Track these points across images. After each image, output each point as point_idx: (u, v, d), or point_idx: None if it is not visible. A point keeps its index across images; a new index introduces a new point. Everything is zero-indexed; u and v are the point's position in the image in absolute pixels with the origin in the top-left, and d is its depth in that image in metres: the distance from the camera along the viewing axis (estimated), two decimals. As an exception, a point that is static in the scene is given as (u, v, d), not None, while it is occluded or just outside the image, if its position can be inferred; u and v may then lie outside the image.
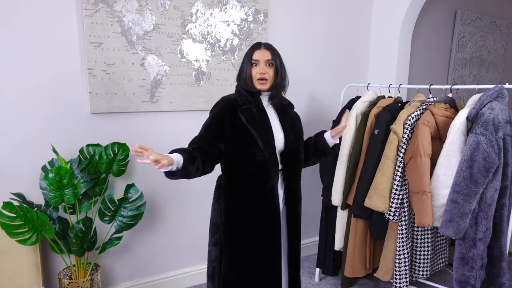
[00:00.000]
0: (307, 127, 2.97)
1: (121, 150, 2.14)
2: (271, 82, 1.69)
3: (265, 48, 1.69)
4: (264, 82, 1.67)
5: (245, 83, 1.68)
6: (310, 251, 3.17)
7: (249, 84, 1.68)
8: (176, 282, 2.59)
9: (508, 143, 1.94)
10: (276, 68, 1.68)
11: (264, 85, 1.67)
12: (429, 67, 3.68)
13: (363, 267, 2.43)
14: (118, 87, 2.20)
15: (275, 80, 1.69)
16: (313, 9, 2.87)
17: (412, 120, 2.17)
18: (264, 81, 1.66)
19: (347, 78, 3.11)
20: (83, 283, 2.04)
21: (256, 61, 1.67)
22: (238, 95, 1.72)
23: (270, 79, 1.68)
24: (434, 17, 3.57)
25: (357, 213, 2.33)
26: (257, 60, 1.67)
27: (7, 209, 1.80)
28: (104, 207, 2.11)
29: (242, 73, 1.71)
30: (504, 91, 2.01)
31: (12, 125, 1.99)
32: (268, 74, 1.67)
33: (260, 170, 1.65)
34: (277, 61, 1.68)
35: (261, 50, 1.68)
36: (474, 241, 1.96)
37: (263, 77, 1.65)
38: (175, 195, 2.51)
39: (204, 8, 2.40)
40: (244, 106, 1.67)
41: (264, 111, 1.70)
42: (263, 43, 1.71)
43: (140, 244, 2.45)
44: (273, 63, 1.68)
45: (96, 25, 2.09)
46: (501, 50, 4.39)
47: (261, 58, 1.66)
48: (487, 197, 1.93)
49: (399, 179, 2.16)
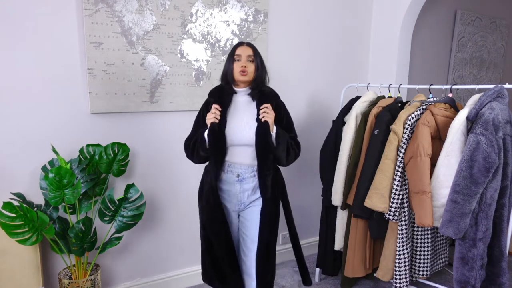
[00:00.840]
0: (307, 127, 2.98)
1: (121, 150, 2.14)
2: (252, 76, 1.82)
3: (247, 46, 1.84)
4: (245, 74, 1.80)
5: (226, 77, 1.84)
6: (310, 251, 3.17)
7: (230, 78, 1.83)
8: (176, 282, 2.59)
9: (508, 143, 1.94)
10: (257, 65, 1.83)
11: (244, 77, 1.80)
12: (429, 67, 3.68)
13: (363, 267, 2.43)
14: (118, 87, 2.20)
15: (256, 74, 1.83)
16: (313, 9, 2.87)
17: (412, 120, 2.17)
18: (245, 73, 1.80)
19: (347, 78, 3.11)
20: (83, 283, 2.04)
21: (238, 56, 1.81)
22: (210, 95, 1.90)
23: (251, 73, 1.81)
24: (434, 17, 3.57)
25: (357, 213, 2.33)
26: (239, 55, 1.81)
27: (7, 209, 1.80)
28: (104, 207, 2.11)
29: (224, 69, 1.86)
30: (504, 91, 2.01)
31: (12, 125, 1.99)
32: (249, 68, 1.81)
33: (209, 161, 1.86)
34: (257, 58, 1.83)
35: (243, 47, 1.83)
36: (474, 241, 1.96)
37: (244, 70, 1.79)
38: (175, 195, 2.51)
39: (204, 8, 2.40)
40: (209, 102, 1.86)
41: (225, 106, 1.82)
42: (246, 42, 1.87)
43: (140, 244, 2.45)
44: (254, 59, 1.82)
45: (96, 25, 2.09)
46: (501, 50, 4.39)
47: (243, 53, 1.81)
48: (487, 197, 1.93)
49: (399, 179, 2.16)
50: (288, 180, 2.99)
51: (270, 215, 1.88)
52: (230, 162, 1.85)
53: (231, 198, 1.89)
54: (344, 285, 2.57)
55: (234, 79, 1.82)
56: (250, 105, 1.86)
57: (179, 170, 2.48)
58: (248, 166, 1.84)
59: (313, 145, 2.95)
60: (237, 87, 1.86)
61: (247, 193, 1.87)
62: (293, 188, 3.04)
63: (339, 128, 2.51)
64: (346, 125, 2.45)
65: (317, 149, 2.72)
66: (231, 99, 1.86)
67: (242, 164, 1.84)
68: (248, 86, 1.86)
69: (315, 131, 2.98)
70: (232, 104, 1.86)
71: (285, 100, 1.93)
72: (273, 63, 2.73)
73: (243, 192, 1.87)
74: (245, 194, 1.88)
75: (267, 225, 1.87)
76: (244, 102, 1.87)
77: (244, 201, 1.89)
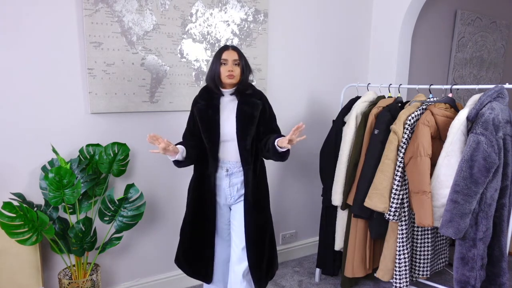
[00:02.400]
0: (307, 127, 2.98)
1: (121, 150, 2.14)
2: (238, 78, 1.94)
3: (233, 50, 1.94)
4: (232, 77, 1.91)
5: (213, 79, 1.93)
6: (310, 251, 3.17)
7: (217, 80, 1.93)
8: (176, 282, 2.59)
9: (508, 143, 1.94)
10: (242, 68, 1.94)
11: (231, 80, 1.91)
12: (429, 67, 3.68)
13: (363, 267, 2.43)
14: (118, 87, 2.20)
15: (242, 77, 1.95)
16: (313, 9, 2.87)
17: (412, 120, 2.17)
18: (232, 76, 1.91)
19: (347, 78, 3.11)
20: (83, 283, 2.04)
21: (224, 61, 1.91)
22: (199, 95, 2.01)
23: (237, 75, 1.93)
24: (434, 17, 3.57)
25: (357, 213, 2.33)
26: (226, 59, 1.91)
27: (7, 209, 1.80)
28: (104, 207, 2.11)
29: (210, 71, 1.95)
30: (504, 91, 2.01)
31: (12, 125, 1.99)
32: (235, 71, 1.91)
33: (203, 158, 1.98)
34: (242, 61, 1.94)
35: (229, 51, 1.92)
36: (474, 241, 1.96)
37: (231, 74, 1.90)
38: (175, 195, 2.51)
39: (204, 8, 2.40)
40: (198, 104, 1.98)
41: (214, 107, 1.95)
42: (231, 45, 1.97)
43: (140, 244, 2.45)
44: (240, 63, 1.93)
45: (96, 25, 2.09)
46: (501, 50, 4.39)
47: (229, 58, 1.91)
48: (487, 197, 1.93)
49: (399, 179, 2.16)
50: (288, 180, 3.01)
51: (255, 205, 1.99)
52: (220, 158, 1.98)
53: (221, 193, 2.01)
54: (344, 285, 2.57)
55: (222, 82, 1.93)
56: (234, 103, 1.98)
57: (179, 170, 2.47)
58: (236, 162, 1.97)
59: (313, 145, 2.95)
60: (223, 89, 1.98)
61: (236, 187, 2.00)
62: (293, 188, 3.04)
63: (339, 128, 2.52)
64: (346, 125, 2.45)
65: (317, 149, 2.72)
66: (219, 101, 1.98)
67: (230, 160, 1.97)
68: (233, 88, 1.97)
69: (315, 131, 2.98)
70: (220, 104, 1.98)
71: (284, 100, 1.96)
72: (273, 63, 2.73)
73: (232, 186, 1.99)
74: (234, 188, 2.00)
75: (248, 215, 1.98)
76: (229, 101, 1.99)
77: (233, 194, 2.01)
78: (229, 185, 1.99)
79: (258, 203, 2.02)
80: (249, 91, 1.98)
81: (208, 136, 1.94)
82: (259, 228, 2.03)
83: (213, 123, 1.94)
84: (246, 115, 1.93)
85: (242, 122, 1.92)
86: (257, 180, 2.01)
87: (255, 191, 1.99)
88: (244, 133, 1.92)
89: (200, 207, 2.03)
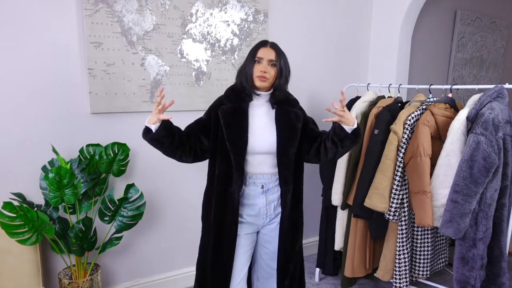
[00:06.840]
0: (307, 127, 2.98)
1: (121, 150, 2.14)
2: (271, 81, 1.67)
3: (271, 47, 1.67)
4: (264, 80, 1.64)
5: (246, 79, 1.66)
6: (310, 251, 3.17)
7: (249, 80, 1.66)
8: (176, 282, 2.59)
9: (508, 143, 1.94)
10: (280, 69, 1.66)
11: (263, 83, 1.64)
12: (429, 67, 3.68)
13: (363, 267, 2.43)
14: (118, 87, 2.20)
15: (277, 80, 1.67)
16: (313, 9, 2.87)
17: (412, 120, 2.17)
18: (264, 79, 1.64)
19: (347, 78, 3.11)
20: (83, 283, 2.04)
21: (259, 59, 1.65)
22: (225, 95, 1.74)
23: (271, 78, 1.65)
24: (434, 17, 3.57)
25: (357, 213, 2.33)
26: (261, 57, 1.65)
27: (7, 209, 1.80)
28: (104, 207, 2.11)
29: (243, 70, 1.69)
30: (504, 91, 2.01)
31: (12, 125, 1.99)
32: (269, 73, 1.64)
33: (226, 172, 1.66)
34: (281, 62, 1.66)
35: (267, 48, 1.66)
36: (474, 241, 1.96)
37: (264, 76, 1.63)
38: (175, 195, 2.51)
39: (204, 8, 2.40)
40: (224, 106, 1.68)
41: (242, 111, 1.67)
42: (270, 42, 1.70)
43: (140, 244, 2.45)
44: (277, 64, 1.65)
45: (96, 25, 2.09)
46: (501, 50, 4.39)
47: (265, 57, 1.65)
48: (487, 197, 1.93)
49: (399, 179, 2.16)
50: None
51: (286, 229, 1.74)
52: (249, 172, 1.68)
53: (256, 213, 1.72)
54: (344, 285, 2.57)
55: (253, 83, 1.67)
56: (265, 109, 1.72)
57: (179, 170, 2.48)
58: (271, 175, 1.71)
59: (313, 145, 2.95)
60: (256, 91, 1.70)
61: (273, 204, 1.74)
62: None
63: (339, 128, 2.51)
64: (346, 125, 2.45)
65: (317, 149, 2.71)
66: (248, 105, 1.70)
67: (264, 175, 1.70)
68: (267, 91, 1.71)
69: (315, 131, 2.98)
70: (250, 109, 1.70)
71: (285, 100, 1.92)
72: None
73: (269, 204, 1.73)
74: (271, 206, 1.74)
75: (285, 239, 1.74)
76: (259, 105, 1.72)
77: (270, 213, 1.75)
78: (266, 203, 1.72)
79: (295, 224, 1.78)
80: (290, 97, 1.76)
81: (234, 144, 1.63)
82: (294, 252, 1.80)
83: (241, 130, 1.64)
84: (289, 126, 1.68)
85: (284, 134, 1.66)
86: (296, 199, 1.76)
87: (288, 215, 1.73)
88: (286, 146, 1.66)
89: (221, 231, 1.70)
